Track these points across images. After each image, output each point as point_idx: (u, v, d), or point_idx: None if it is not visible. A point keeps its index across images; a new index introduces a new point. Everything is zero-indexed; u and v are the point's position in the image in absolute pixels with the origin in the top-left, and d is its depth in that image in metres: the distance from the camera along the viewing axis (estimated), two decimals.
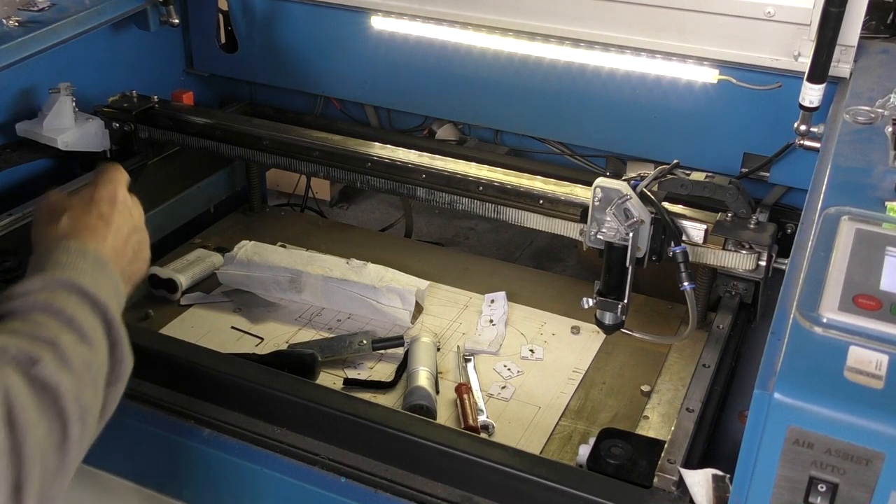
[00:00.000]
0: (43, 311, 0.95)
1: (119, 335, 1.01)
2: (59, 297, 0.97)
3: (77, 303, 0.98)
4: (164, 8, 1.94)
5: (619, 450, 1.19)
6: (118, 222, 1.15)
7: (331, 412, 1.24)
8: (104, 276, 1.05)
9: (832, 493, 0.83)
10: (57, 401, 0.88)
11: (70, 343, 0.93)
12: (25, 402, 0.85)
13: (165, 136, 1.84)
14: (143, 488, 1.38)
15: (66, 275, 1.00)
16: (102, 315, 1.00)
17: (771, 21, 1.52)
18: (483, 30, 1.74)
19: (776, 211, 1.64)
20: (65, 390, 0.89)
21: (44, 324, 0.94)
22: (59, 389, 0.89)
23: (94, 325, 0.98)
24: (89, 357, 0.95)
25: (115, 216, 1.15)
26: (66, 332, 0.94)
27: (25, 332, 0.92)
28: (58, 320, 0.95)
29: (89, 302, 0.99)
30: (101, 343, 0.98)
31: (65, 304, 0.96)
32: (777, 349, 0.87)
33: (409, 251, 1.98)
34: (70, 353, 0.93)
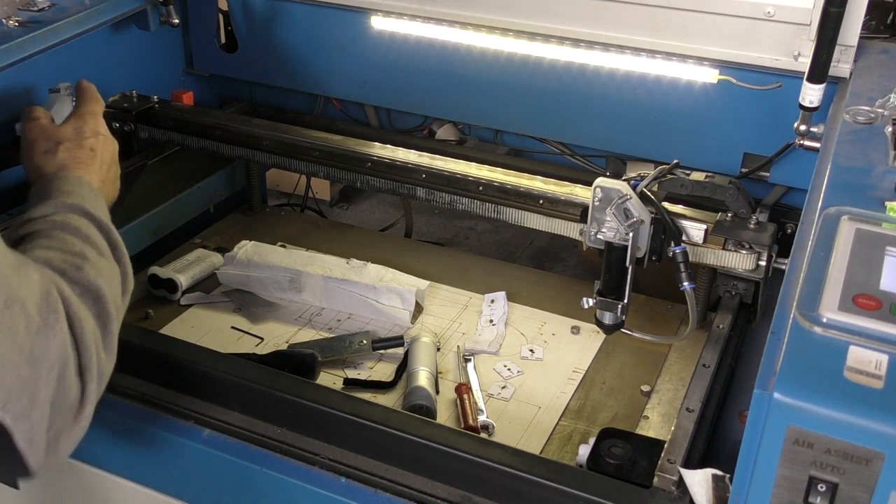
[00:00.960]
0: (64, 230, 1.07)
1: (121, 252, 1.14)
2: (73, 218, 1.10)
3: (88, 224, 1.11)
4: (164, 8, 1.94)
5: (619, 450, 1.19)
6: (103, 155, 1.30)
7: (331, 412, 1.24)
8: (99, 202, 1.18)
9: (832, 493, 0.83)
10: (99, 300, 1.02)
11: (94, 256, 1.06)
12: (77, 302, 0.98)
13: (165, 136, 1.84)
14: (143, 488, 1.38)
15: (72, 200, 1.13)
16: (107, 235, 1.13)
17: (771, 21, 1.52)
18: (483, 30, 1.74)
19: (776, 211, 1.64)
20: (105, 292, 1.03)
21: (68, 241, 1.06)
22: (101, 291, 1.02)
23: (103, 243, 1.11)
24: (110, 268, 1.09)
25: (100, 149, 1.30)
26: (89, 247, 1.07)
27: (57, 248, 1.04)
28: (78, 238, 1.07)
29: (95, 223, 1.12)
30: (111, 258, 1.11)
31: (80, 225, 1.09)
32: (777, 349, 0.87)
33: (409, 251, 1.98)
34: (97, 263, 1.06)
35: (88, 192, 1.18)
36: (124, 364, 1.38)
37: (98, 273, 1.04)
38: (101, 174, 1.27)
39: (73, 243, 1.06)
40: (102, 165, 1.29)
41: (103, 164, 1.29)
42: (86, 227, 1.10)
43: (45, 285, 0.94)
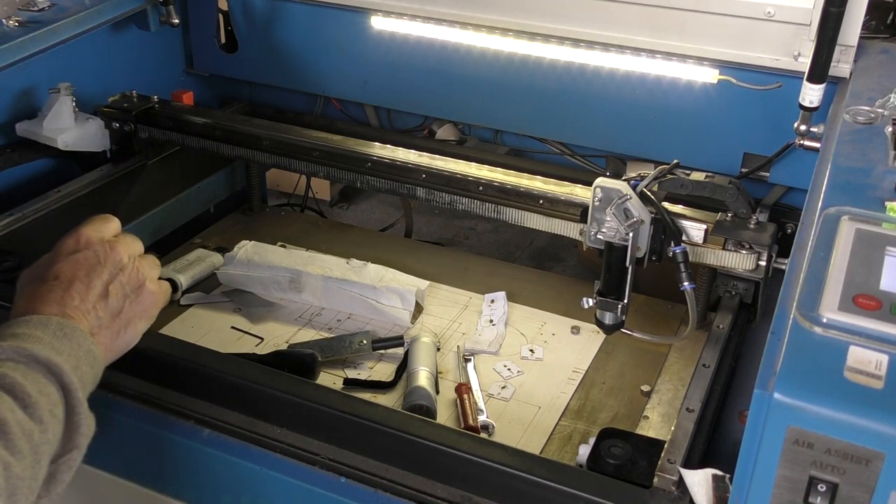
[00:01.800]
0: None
1: (77, 400, 0.98)
2: (5, 365, 0.93)
3: (24, 370, 0.94)
4: (164, 8, 1.94)
5: (619, 450, 1.19)
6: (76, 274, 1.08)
7: (331, 412, 1.24)
8: (69, 342, 1.01)
9: (832, 493, 0.83)
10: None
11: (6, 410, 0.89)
12: None
13: (165, 136, 1.84)
14: (142, 488, 1.38)
15: (16, 343, 0.96)
16: (58, 380, 0.96)
17: (771, 21, 1.52)
18: (483, 30, 1.74)
19: (776, 211, 1.64)
20: None
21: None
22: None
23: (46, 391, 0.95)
24: (29, 425, 0.91)
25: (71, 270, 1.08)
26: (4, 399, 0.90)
27: None
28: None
29: (41, 367, 0.95)
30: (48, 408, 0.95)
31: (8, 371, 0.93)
32: (777, 349, 0.87)
33: (409, 251, 1.98)
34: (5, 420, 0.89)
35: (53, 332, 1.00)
36: (124, 364, 1.39)
37: None
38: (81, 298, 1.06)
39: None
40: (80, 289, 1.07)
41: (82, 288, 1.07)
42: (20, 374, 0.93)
43: None
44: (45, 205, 1.68)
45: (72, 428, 0.98)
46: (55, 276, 1.07)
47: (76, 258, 1.10)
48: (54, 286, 1.06)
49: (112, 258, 1.12)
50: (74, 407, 0.98)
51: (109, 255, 1.12)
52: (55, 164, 1.81)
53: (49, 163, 1.81)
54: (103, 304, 1.10)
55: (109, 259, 1.12)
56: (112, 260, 1.12)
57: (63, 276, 1.07)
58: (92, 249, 1.11)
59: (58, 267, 1.08)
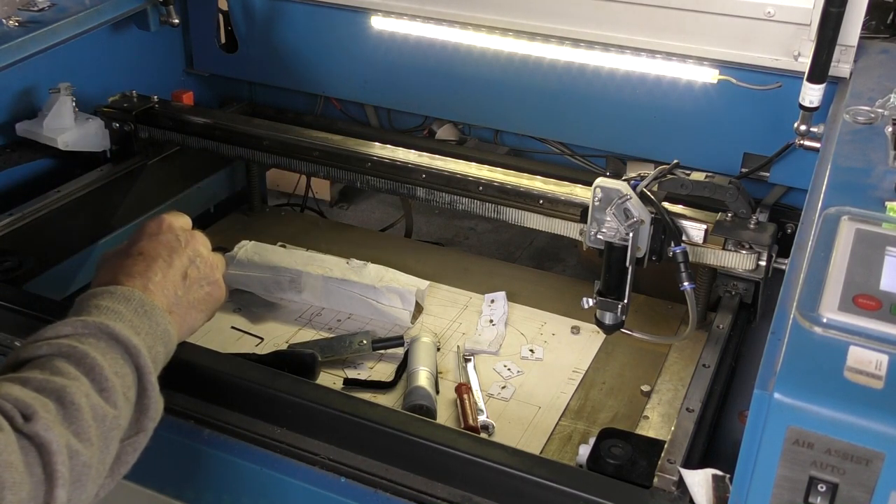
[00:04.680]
0: (65, 358, 0.91)
1: (149, 383, 0.98)
2: (87, 342, 0.93)
3: (105, 349, 0.94)
4: (164, 8, 1.94)
5: (619, 450, 1.19)
6: (160, 253, 1.10)
7: (331, 412, 1.24)
8: (148, 319, 1.01)
9: (832, 493, 0.83)
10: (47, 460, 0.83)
11: (81, 395, 0.88)
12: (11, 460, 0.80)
13: (165, 136, 1.84)
14: (142, 488, 1.38)
15: (100, 319, 0.96)
16: (134, 361, 0.96)
17: (771, 21, 1.52)
18: (483, 30, 1.74)
19: (776, 211, 1.64)
20: (56, 448, 0.83)
21: (60, 370, 0.89)
22: (51, 447, 0.83)
23: (122, 372, 0.94)
24: (103, 410, 0.91)
25: (156, 249, 1.10)
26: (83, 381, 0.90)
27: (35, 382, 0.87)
28: (78, 368, 0.91)
29: (120, 346, 0.95)
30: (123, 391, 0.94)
31: (89, 350, 0.92)
32: (777, 349, 0.87)
33: (409, 251, 1.98)
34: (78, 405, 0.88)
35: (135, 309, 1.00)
36: None
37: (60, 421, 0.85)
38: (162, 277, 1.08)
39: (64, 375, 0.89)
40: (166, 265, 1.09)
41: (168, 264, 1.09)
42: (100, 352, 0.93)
43: None
44: (45, 205, 1.68)
45: (141, 410, 0.98)
46: (139, 251, 1.09)
47: (160, 238, 1.12)
48: (138, 260, 1.08)
49: (192, 245, 1.16)
50: (146, 389, 0.98)
51: (190, 242, 1.16)
52: (55, 164, 1.81)
53: (49, 163, 1.81)
54: (182, 285, 1.11)
55: (190, 245, 1.15)
56: (192, 246, 1.15)
57: (147, 252, 1.10)
58: (174, 233, 1.15)
59: (142, 244, 1.11)
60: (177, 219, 1.18)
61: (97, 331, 0.95)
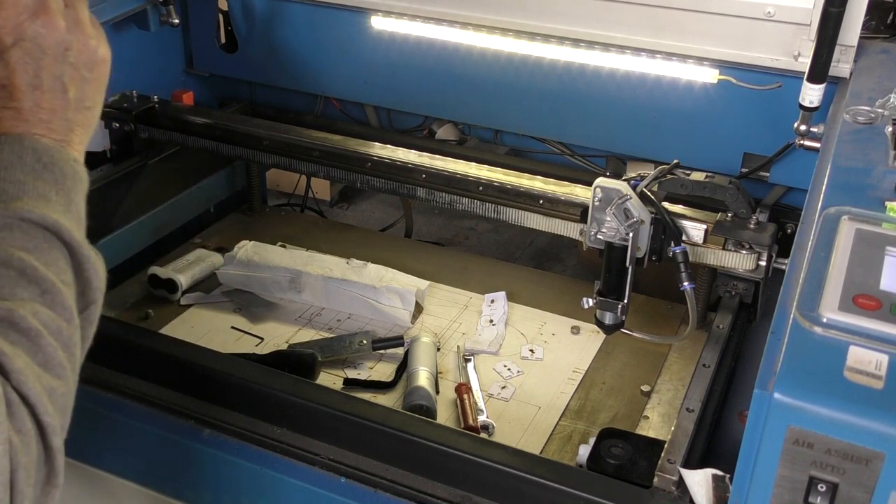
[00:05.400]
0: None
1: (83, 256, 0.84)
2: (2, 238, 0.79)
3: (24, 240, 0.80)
4: (164, 8, 1.94)
5: (619, 450, 1.19)
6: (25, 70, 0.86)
7: (331, 412, 1.24)
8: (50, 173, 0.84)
9: (832, 493, 0.83)
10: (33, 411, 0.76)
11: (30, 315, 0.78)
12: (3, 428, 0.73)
13: (165, 136, 1.84)
14: (143, 488, 1.38)
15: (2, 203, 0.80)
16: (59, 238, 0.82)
17: (771, 21, 1.52)
18: (483, 30, 1.74)
19: (776, 211, 1.64)
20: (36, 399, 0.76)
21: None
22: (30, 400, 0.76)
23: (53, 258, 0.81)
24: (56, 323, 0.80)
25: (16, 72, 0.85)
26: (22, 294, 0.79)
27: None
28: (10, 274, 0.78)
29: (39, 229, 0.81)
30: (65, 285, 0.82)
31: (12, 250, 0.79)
32: (777, 349, 0.87)
33: (409, 251, 1.98)
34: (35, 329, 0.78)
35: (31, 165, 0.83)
36: (124, 364, 1.39)
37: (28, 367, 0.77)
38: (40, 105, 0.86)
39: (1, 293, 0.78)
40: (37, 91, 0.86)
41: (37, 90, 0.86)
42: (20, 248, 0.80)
43: None
44: None
45: (84, 284, 0.85)
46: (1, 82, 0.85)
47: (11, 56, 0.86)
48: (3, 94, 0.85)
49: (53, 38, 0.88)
50: (81, 264, 0.84)
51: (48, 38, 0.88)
52: None
53: None
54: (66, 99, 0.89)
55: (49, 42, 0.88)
56: (53, 41, 0.88)
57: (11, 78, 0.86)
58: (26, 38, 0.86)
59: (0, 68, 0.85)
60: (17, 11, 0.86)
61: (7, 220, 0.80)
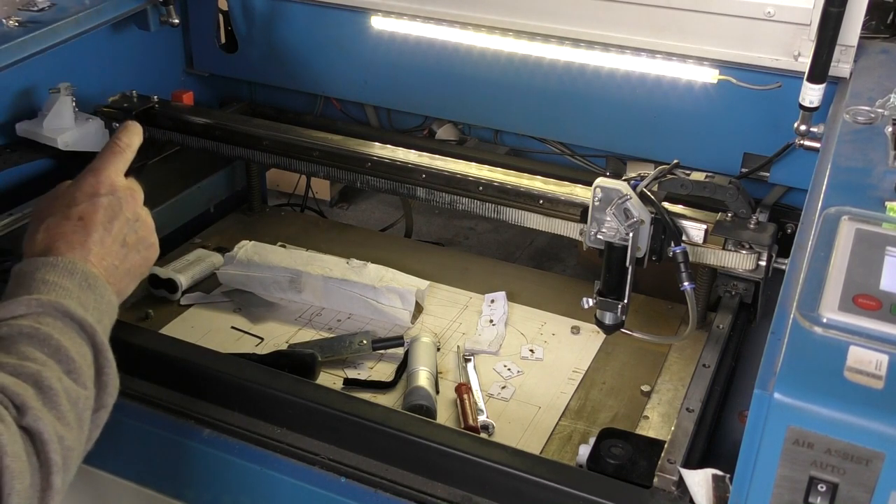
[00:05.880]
0: (29, 340, 0.90)
1: (106, 360, 0.96)
2: (46, 322, 0.91)
3: (63, 329, 0.92)
4: (164, 8, 1.94)
5: (619, 450, 1.19)
6: (101, 220, 1.04)
7: (331, 412, 1.24)
8: (93, 294, 0.98)
9: (832, 493, 0.83)
10: (42, 449, 0.84)
11: (55, 379, 0.88)
12: (16, 451, 0.81)
13: (165, 136, 1.84)
14: (143, 488, 1.38)
15: (51, 297, 0.94)
16: (90, 340, 0.95)
17: (771, 21, 1.52)
18: (483, 30, 1.74)
19: (776, 211, 1.64)
20: (48, 437, 0.84)
21: (29, 355, 0.88)
22: (44, 436, 0.84)
23: (82, 351, 0.93)
24: (75, 392, 0.91)
25: (96, 214, 1.04)
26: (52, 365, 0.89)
27: (10, 367, 0.87)
28: (43, 351, 0.90)
29: (76, 326, 0.94)
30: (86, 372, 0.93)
31: (51, 332, 0.91)
32: (777, 349, 0.87)
33: (409, 251, 1.98)
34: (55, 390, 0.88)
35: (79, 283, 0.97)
36: (124, 364, 1.39)
37: (46, 409, 0.86)
38: (101, 247, 1.03)
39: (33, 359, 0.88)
40: (105, 232, 1.04)
41: (106, 230, 1.04)
42: (59, 333, 0.91)
43: None
44: None
45: (100, 387, 0.96)
46: (79, 216, 1.03)
47: (100, 202, 1.05)
48: (78, 227, 1.02)
49: (132, 207, 1.09)
50: (103, 366, 0.96)
51: (130, 204, 1.09)
52: (55, 164, 1.81)
53: (49, 163, 1.80)
54: (120, 253, 1.06)
55: (130, 207, 1.09)
56: (132, 209, 1.09)
57: (87, 217, 1.03)
58: (116, 195, 1.07)
59: (82, 208, 1.04)
60: (117, 173, 1.10)
61: (52, 310, 0.93)
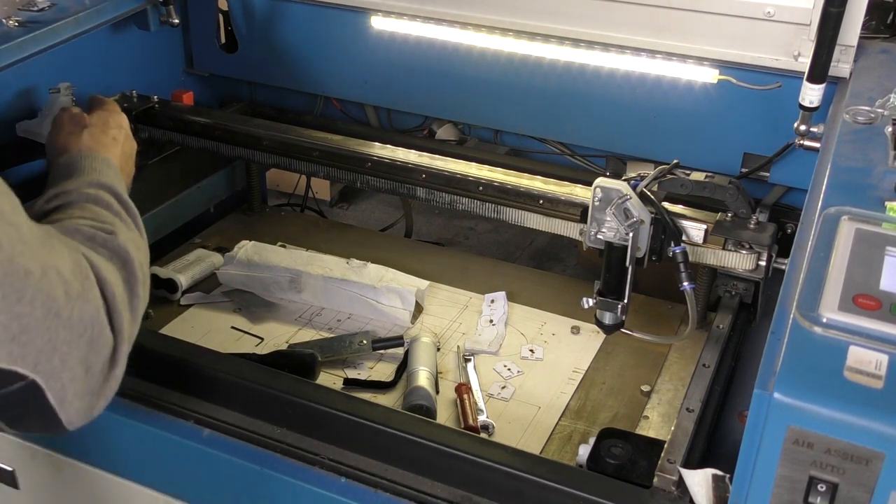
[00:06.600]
0: (95, 203, 1.14)
1: (142, 228, 1.19)
2: (103, 194, 1.16)
3: (114, 201, 1.17)
4: (164, 8, 1.94)
5: (619, 450, 1.19)
6: (123, 142, 1.39)
7: (331, 412, 1.24)
8: (122, 184, 1.25)
9: (832, 493, 0.83)
10: (127, 264, 1.05)
11: (122, 228, 1.12)
12: (107, 266, 1.01)
13: (165, 136, 1.84)
14: (143, 488, 1.38)
15: (103, 178, 1.21)
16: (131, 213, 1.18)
17: (771, 21, 1.52)
18: (483, 30, 1.74)
19: (776, 211, 1.64)
20: (132, 256, 1.07)
21: (99, 213, 1.12)
22: (129, 255, 1.06)
23: (129, 219, 1.17)
24: (139, 239, 1.14)
25: (121, 140, 1.39)
26: (118, 220, 1.13)
27: (89, 217, 1.10)
28: (109, 211, 1.14)
29: (121, 202, 1.18)
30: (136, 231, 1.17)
31: (110, 201, 1.16)
32: (777, 349, 0.87)
33: (409, 251, 1.98)
34: (126, 233, 1.11)
35: (115, 174, 1.26)
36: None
37: (127, 239, 1.09)
38: (121, 159, 1.35)
39: (104, 215, 1.12)
40: (123, 152, 1.37)
41: (123, 151, 1.38)
42: (115, 203, 1.16)
43: (73, 255, 0.97)
44: None
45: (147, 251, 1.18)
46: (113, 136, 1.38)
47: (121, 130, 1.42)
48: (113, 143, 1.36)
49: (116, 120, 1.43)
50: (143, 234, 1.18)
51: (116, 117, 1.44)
52: None
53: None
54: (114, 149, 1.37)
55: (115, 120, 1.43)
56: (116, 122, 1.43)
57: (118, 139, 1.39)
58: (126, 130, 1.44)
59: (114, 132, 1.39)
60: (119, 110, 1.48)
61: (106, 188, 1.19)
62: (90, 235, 1.06)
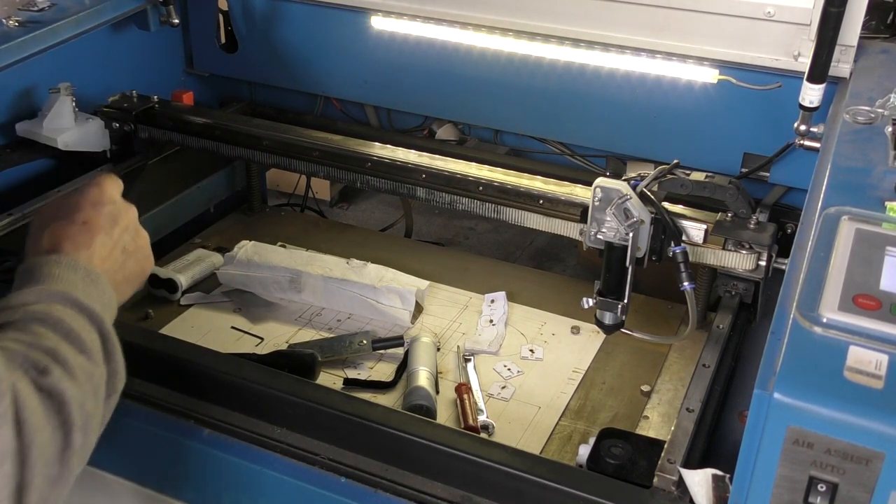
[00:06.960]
0: (41, 323, 0.94)
1: (114, 347, 1.01)
2: (56, 309, 0.96)
3: (73, 315, 0.97)
4: (164, 8, 1.94)
5: (619, 450, 1.19)
6: (103, 225, 1.11)
7: (331, 412, 1.24)
8: (96, 288, 1.03)
9: (832, 493, 0.83)
10: (62, 408, 0.89)
11: (70, 354, 0.93)
12: (33, 406, 0.85)
13: (165, 136, 1.84)
14: (143, 488, 1.38)
15: (59, 287, 0.99)
16: (98, 327, 0.99)
17: (771, 21, 1.52)
18: (483, 30, 1.74)
19: (776, 211, 1.64)
20: (69, 398, 0.89)
21: (43, 335, 0.93)
22: (65, 397, 0.89)
23: (91, 337, 0.98)
24: (89, 368, 0.95)
25: (99, 220, 1.10)
26: (66, 343, 0.94)
27: (27, 342, 0.91)
28: (56, 332, 0.94)
29: (85, 314, 0.98)
30: (98, 355, 0.98)
31: (62, 316, 0.96)
32: (777, 349, 0.87)
33: (409, 251, 1.98)
34: (72, 363, 0.92)
35: (83, 278, 1.03)
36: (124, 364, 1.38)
37: (66, 375, 0.91)
38: (102, 249, 1.09)
39: (48, 338, 0.93)
40: (106, 238, 1.10)
41: (107, 236, 1.10)
42: (70, 319, 0.96)
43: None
44: None
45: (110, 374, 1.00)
46: (83, 220, 1.09)
47: (103, 210, 1.12)
48: (83, 230, 1.08)
49: (130, 218, 1.16)
50: (112, 353, 1.00)
51: (129, 214, 1.16)
52: (55, 164, 1.81)
53: (49, 163, 1.81)
54: (120, 259, 1.12)
55: (129, 217, 1.16)
56: (130, 220, 1.16)
57: (91, 222, 1.09)
58: (116, 206, 1.14)
59: (86, 213, 1.10)
60: (115, 188, 1.17)
61: (61, 299, 0.98)
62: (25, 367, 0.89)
